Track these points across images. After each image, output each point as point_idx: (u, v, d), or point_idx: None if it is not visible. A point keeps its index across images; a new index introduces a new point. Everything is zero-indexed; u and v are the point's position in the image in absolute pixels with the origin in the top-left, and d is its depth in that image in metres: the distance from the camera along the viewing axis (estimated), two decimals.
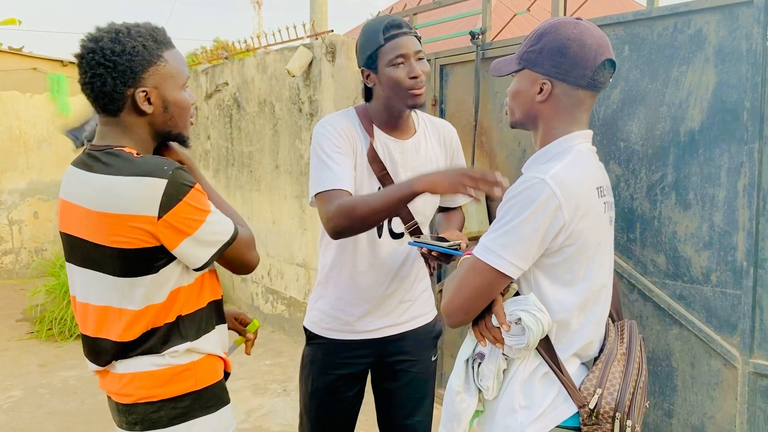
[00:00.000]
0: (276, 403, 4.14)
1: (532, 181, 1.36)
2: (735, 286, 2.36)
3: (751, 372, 2.34)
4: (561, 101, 1.46)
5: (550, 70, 1.44)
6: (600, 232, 1.45)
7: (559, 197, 1.35)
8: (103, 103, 1.50)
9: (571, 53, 1.42)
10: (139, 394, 1.53)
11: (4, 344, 5.39)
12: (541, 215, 1.34)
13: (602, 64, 1.44)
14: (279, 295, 5.59)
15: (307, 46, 4.86)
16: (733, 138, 2.35)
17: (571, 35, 1.42)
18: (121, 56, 1.45)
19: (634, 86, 2.64)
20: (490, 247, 1.38)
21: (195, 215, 1.46)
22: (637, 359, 1.53)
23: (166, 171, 1.43)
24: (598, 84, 1.47)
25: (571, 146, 1.46)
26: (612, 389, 1.42)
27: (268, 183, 5.61)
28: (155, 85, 1.50)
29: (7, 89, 7.63)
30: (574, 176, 1.39)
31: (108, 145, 1.51)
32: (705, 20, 2.41)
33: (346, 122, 2.03)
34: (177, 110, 1.55)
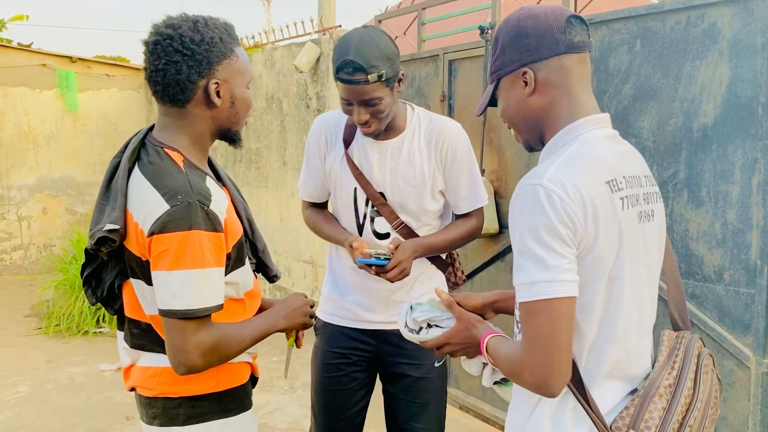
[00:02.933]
0: (282, 400, 4.12)
1: (527, 188, 1.20)
2: (748, 285, 2.32)
3: (764, 372, 2.30)
4: (551, 82, 1.30)
5: (522, 57, 1.30)
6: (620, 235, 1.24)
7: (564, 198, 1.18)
8: (173, 92, 1.45)
9: (530, 29, 1.29)
10: (159, 389, 1.52)
11: (12, 340, 5.41)
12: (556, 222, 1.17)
13: (568, 22, 1.28)
14: (286, 292, 5.57)
15: (315, 41, 4.83)
16: (747, 134, 2.30)
17: (519, 17, 1.32)
18: (200, 45, 1.43)
19: (646, 81, 2.59)
20: (534, 280, 1.17)
21: (168, 256, 1.36)
22: (689, 390, 1.27)
23: (179, 199, 1.37)
24: (577, 43, 1.29)
25: (575, 136, 1.29)
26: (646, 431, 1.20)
27: (275, 180, 5.59)
28: (226, 78, 1.48)
29: (16, 85, 7.65)
30: (577, 173, 1.22)
31: (162, 143, 1.48)
32: (719, 14, 2.37)
33: (331, 121, 2.14)
34: (242, 107, 1.53)
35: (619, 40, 2.69)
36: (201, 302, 1.39)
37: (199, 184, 1.44)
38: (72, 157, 7.99)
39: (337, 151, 2.10)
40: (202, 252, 1.39)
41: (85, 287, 1.59)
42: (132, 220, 1.43)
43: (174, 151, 1.48)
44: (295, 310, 1.65)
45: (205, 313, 1.40)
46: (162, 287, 1.38)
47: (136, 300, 1.53)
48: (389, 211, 2.04)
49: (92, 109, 8.05)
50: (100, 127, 8.08)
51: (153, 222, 1.37)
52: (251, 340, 1.52)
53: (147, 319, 1.52)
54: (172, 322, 1.39)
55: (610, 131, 1.37)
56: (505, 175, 3.32)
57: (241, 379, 1.59)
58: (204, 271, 1.39)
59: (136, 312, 1.54)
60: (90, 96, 8.03)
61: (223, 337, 1.44)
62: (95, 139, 8.04)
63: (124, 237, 1.44)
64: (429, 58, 3.78)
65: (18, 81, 7.65)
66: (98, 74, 8.08)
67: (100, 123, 8.09)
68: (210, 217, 1.41)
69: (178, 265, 1.37)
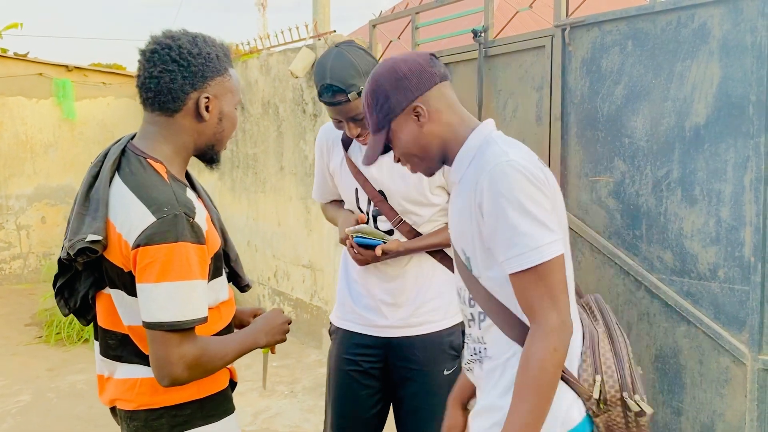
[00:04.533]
0: (283, 404, 4.14)
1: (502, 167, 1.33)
2: (743, 282, 2.34)
3: (760, 369, 2.31)
4: (439, 108, 1.47)
5: (408, 97, 1.45)
6: (560, 204, 1.44)
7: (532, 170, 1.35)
8: (164, 99, 1.47)
9: (407, 71, 1.45)
10: (140, 401, 1.51)
11: (13, 349, 5.42)
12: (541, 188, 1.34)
13: (431, 59, 1.48)
14: (285, 297, 5.58)
15: (310, 46, 4.85)
16: (738, 132, 2.32)
17: (390, 67, 1.47)
18: (197, 58, 1.47)
19: (638, 82, 2.62)
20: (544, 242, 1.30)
21: (155, 269, 1.37)
22: (618, 330, 1.50)
23: (165, 211, 1.39)
24: (443, 74, 1.49)
25: (486, 135, 1.47)
26: (610, 372, 1.40)
27: (273, 185, 5.61)
28: (217, 95, 1.51)
29: (13, 95, 7.66)
30: (522, 152, 1.40)
31: (144, 153, 1.49)
32: (709, 14, 2.39)
33: (326, 132, 2.27)
34: (228, 125, 1.57)
35: (610, 41, 2.71)
36: (188, 314, 1.40)
37: (183, 196, 1.45)
38: (70, 165, 8.00)
39: (337, 154, 2.21)
40: (189, 264, 1.40)
41: (57, 298, 1.58)
42: (115, 231, 1.42)
43: (157, 162, 1.48)
44: (275, 327, 1.67)
45: (192, 325, 1.41)
46: (148, 299, 1.38)
47: (112, 310, 1.52)
48: (388, 209, 2.10)
49: (89, 117, 8.07)
50: (98, 135, 8.09)
51: (138, 234, 1.38)
52: (233, 355, 1.53)
53: (125, 330, 1.51)
54: (157, 334, 1.39)
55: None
56: None
57: (221, 384, 1.60)
58: (190, 283, 1.40)
59: (112, 323, 1.53)
60: (87, 104, 8.05)
61: (206, 351, 1.45)
62: (93, 147, 8.05)
63: (104, 248, 1.43)
64: None
65: (15, 90, 7.67)
66: (95, 82, 8.10)
67: (98, 131, 8.11)
68: (195, 229, 1.43)
69: (165, 277, 1.37)
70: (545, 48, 3.00)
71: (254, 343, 1.60)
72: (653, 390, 2.66)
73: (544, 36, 3.01)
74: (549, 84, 2.98)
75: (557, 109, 2.94)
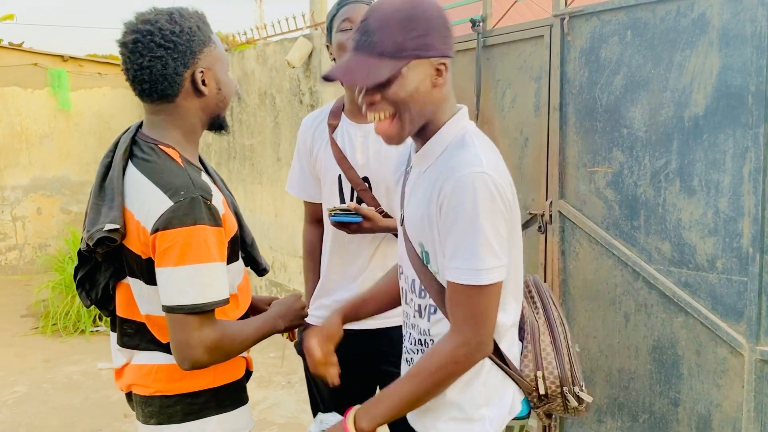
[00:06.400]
0: (280, 395, 4.14)
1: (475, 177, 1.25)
2: (741, 273, 2.33)
3: (757, 359, 2.32)
4: (448, 80, 1.35)
5: (443, 49, 1.31)
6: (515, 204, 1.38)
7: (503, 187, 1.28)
8: (161, 87, 1.44)
9: (449, 26, 1.33)
10: (156, 387, 1.51)
11: (9, 340, 5.40)
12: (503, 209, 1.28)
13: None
14: (282, 288, 5.58)
15: (307, 36, 4.83)
16: (737, 123, 2.31)
17: (438, 7, 1.32)
18: (181, 36, 1.43)
19: (637, 72, 2.60)
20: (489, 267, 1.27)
21: (174, 252, 1.36)
22: (557, 319, 1.49)
23: (182, 195, 1.38)
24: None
25: (464, 127, 1.37)
26: (551, 367, 1.41)
27: (270, 176, 5.59)
28: (209, 66, 1.48)
29: (7, 85, 7.62)
30: (497, 160, 1.32)
31: (155, 140, 1.48)
32: (708, 3, 2.37)
33: (311, 119, 2.19)
34: (227, 91, 1.54)
35: (609, 30, 2.70)
36: (209, 296, 1.39)
37: (199, 179, 1.45)
38: (65, 156, 7.96)
39: (323, 139, 2.12)
40: (207, 246, 1.39)
41: (78, 290, 1.59)
42: (132, 219, 1.42)
43: (169, 147, 1.47)
44: (293, 311, 1.66)
45: (212, 307, 1.41)
46: (168, 283, 1.38)
47: (131, 300, 1.52)
48: (371, 198, 2.04)
49: (85, 107, 8.03)
50: (93, 125, 8.06)
51: (156, 219, 1.37)
52: (254, 339, 1.53)
53: (142, 318, 1.52)
54: (177, 318, 1.39)
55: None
56: None
57: (237, 373, 1.60)
58: (210, 266, 1.39)
59: (131, 312, 1.53)
60: (82, 95, 8.01)
61: (226, 334, 1.44)
62: (88, 138, 8.02)
63: (123, 236, 1.43)
64: None
65: (9, 81, 7.62)
66: (90, 73, 8.05)
67: (93, 122, 8.07)
68: (212, 211, 1.42)
69: (184, 260, 1.37)
70: (544, 38, 2.98)
71: (273, 327, 1.59)
72: (650, 380, 2.66)
73: (543, 26, 2.99)
74: (548, 74, 2.97)
75: (556, 99, 2.92)
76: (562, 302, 3.02)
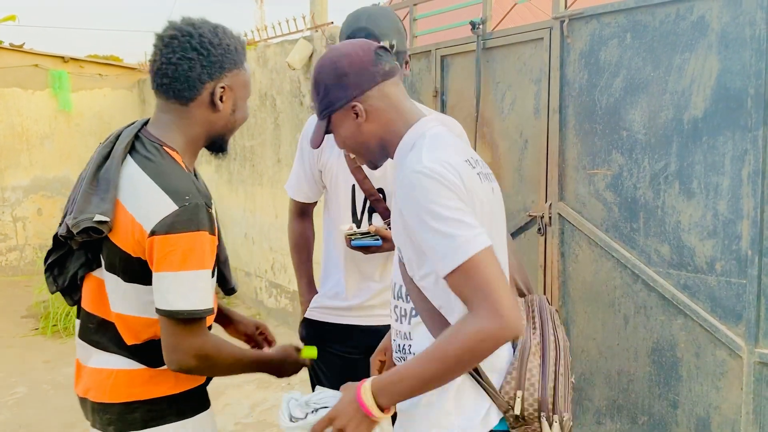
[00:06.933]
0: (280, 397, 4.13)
1: (413, 176, 1.31)
2: (740, 275, 2.34)
3: (756, 362, 2.32)
4: (379, 107, 1.44)
5: (347, 94, 1.43)
6: (486, 203, 1.40)
7: (445, 174, 1.30)
8: (180, 87, 1.45)
9: (347, 68, 1.42)
10: (115, 393, 1.48)
11: (9, 341, 5.41)
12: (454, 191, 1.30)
13: (376, 55, 1.44)
14: (282, 289, 5.58)
15: (308, 38, 4.83)
16: (736, 125, 2.32)
17: (332, 59, 1.45)
18: (217, 48, 1.46)
19: (637, 74, 2.61)
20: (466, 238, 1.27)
21: (176, 257, 1.37)
22: (553, 343, 1.46)
23: (186, 200, 1.39)
24: (388, 71, 1.45)
25: (422, 132, 1.42)
26: (532, 389, 1.37)
27: (270, 177, 5.60)
28: (232, 86, 1.50)
29: (8, 86, 7.62)
30: (443, 154, 1.35)
31: (160, 141, 1.48)
32: (707, 6, 2.38)
33: None
34: (240, 117, 1.57)
35: (609, 33, 2.71)
36: (207, 303, 1.41)
37: (202, 186, 1.46)
38: (66, 157, 7.97)
39: (334, 148, 2.07)
40: (205, 254, 1.40)
41: (46, 274, 1.57)
42: (126, 214, 1.41)
43: (173, 150, 1.47)
44: (290, 364, 1.71)
45: (208, 314, 1.42)
46: (167, 288, 1.38)
47: (98, 294, 1.50)
48: (384, 208, 2.04)
49: (85, 108, 8.03)
50: (94, 126, 8.06)
51: (158, 221, 1.37)
52: (242, 365, 1.54)
53: (107, 316, 1.49)
54: (173, 322, 1.39)
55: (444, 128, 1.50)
56: (499, 169, 3.33)
57: (198, 379, 1.58)
58: (207, 273, 1.41)
59: (97, 307, 1.51)
60: (83, 96, 8.02)
61: (216, 346, 1.45)
62: (89, 139, 8.02)
63: (110, 230, 1.41)
64: (421, 53, 3.79)
65: (10, 82, 7.63)
66: (91, 74, 8.06)
67: (94, 122, 8.08)
68: (211, 219, 1.43)
69: (186, 266, 1.37)
70: (543, 40, 2.99)
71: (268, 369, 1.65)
72: (650, 382, 2.67)
73: (543, 28, 3.00)
74: (547, 76, 2.97)
75: (555, 101, 2.93)
76: (562, 305, 3.02)
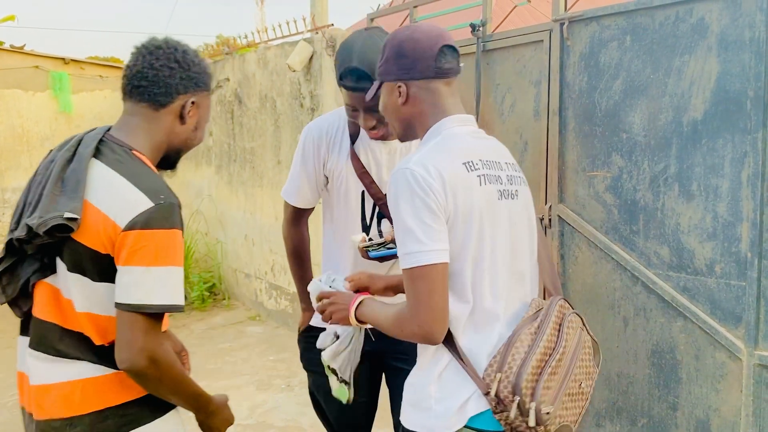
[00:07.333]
0: (280, 398, 4.14)
1: (398, 174, 1.44)
2: (739, 278, 2.34)
3: (756, 364, 2.32)
4: (419, 97, 1.55)
5: (398, 74, 1.55)
6: (479, 206, 1.46)
7: (426, 178, 1.40)
8: (156, 92, 1.53)
9: (409, 51, 1.53)
10: (84, 404, 1.44)
11: (8, 342, 5.40)
12: (424, 198, 1.40)
13: (441, 52, 1.53)
14: (282, 291, 5.58)
15: (308, 40, 4.84)
16: (736, 128, 2.32)
17: (404, 37, 1.55)
18: (196, 66, 1.59)
19: (636, 77, 2.61)
20: (411, 251, 1.41)
21: (149, 252, 1.39)
22: (551, 337, 1.47)
23: (161, 199, 1.43)
24: (445, 70, 1.55)
25: (439, 132, 1.54)
26: (509, 372, 1.40)
27: (270, 179, 5.60)
28: (200, 105, 1.61)
29: (9, 87, 7.63)
30: (437, 158, 1.45)
31: (125, 144, 1.51)
32: (707, 9, 2.38)
33: (326, 125, 2.10)
34: (199, 136, 1.66)
35: (609, 35, 2.71)
36: (177, 299, 1.44)
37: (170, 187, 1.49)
38: None
39: (341, 153, 2.05)
40: (177, 251, 1.44)
41: None
42: (97, 213, 1.41)
43: (142, 154, 1.52)
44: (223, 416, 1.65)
45: (179, 310, 1.45)
46: (136, 282, 1.39)
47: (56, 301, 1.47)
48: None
49: (86, 110, 8.04)
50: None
51: (133, 217, 1.39)
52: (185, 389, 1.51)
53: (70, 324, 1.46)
54: (132, 318, 1.38)
55: (473, 128, 1.60)
56: None
57: None
58: (179, 270, 1.44)
59: (55, 315, 1.47)
60: (84, 97, 8.02)
61: (168, 356, 1.44)
62: None
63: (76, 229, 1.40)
64: None
65: (11, 83, 7.63)
66: (91, 75, 8.07)
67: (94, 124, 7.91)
68: (182, 220, 1.48)
69: (160, 261, 1.40)
70: (543, 42, 2.99)
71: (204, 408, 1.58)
72: (649, 385, 2.67)
73: (543, 30, 3.00)
74: (547, 78, 2.97)
75: (555, 103, 2.93)
76: None
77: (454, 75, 1.57)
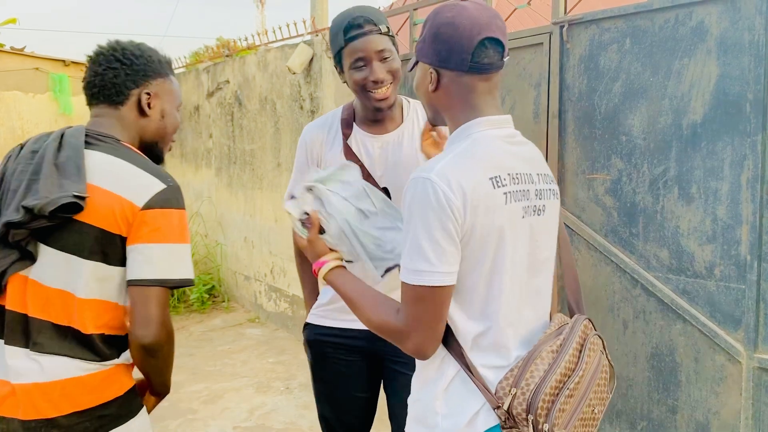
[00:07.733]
0: (279, 401, 4.13)
1: (417, 181, 1.32)
2: (739, 281, 2.34)
3: (755, 367, 2.32)
4: (451, 89, 1.40)
5: (432, 59, 1.39)
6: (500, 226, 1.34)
7: (447, 193, 1.28)
8: (108, 93, 1.60)
9: (445, 38, 1.36)
10: (65, 404, 1.43)
11: None
12: (441, 216, 1.29)
13: (481, 44, 1.34)
14: (282, 293, 5.58)
15: (308, 42, 4.84)
16: (735, 130, 2.32)
17: (444, 19, 1.36)
18: (139, 59, 1.61)
19: (636, 79, 2.61)
20: (418, 269, 1.31)
21: (173, 230, 1.48)
22: (572, 358, 1.38)
23: (170, 181, 1.53)
24: (482, 66, 1.36)
25: (469, 134, 1.39)
26: (526, 389, 1.32)
27: (270, 181, 5.60)
28: (158, 93, 1.64)
29: (9, 89, 7.64)
30: (462, 169, 1.32)
31: (110, 135, 1.57)
32: (707, 12, 2.39)
33: (317, 128, 2.11)
34: (170, 123, 1.69)
35: (608, 38, 2.71)
36: (192, 273, 1.53)
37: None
38: None
39: (335, 149, 2.06)
40: (187, 230, 1.53)
41: None
42: (108, 194, 1.44)
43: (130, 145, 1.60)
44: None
45: (192, 284, 1.53)
46: (159, 257, 1.46)
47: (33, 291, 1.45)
48: None
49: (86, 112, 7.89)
50: None
51: (152, 196, 1.46)
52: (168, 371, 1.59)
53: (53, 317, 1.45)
54: (154, 292, 1.44)
55: (507, 131, 1.44)
56: None
57: (131, 380, 1.59)
58: (189, 247, 1.53)
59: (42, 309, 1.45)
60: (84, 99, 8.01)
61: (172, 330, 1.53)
62: None
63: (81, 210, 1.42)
64: None
65: (11, 85, 7.64)
66: None
67: None
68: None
69: (177, 238, 1.49)
70: (543, 45, 2.99)
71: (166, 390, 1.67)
72: (649, 387, 2.67)
73: (542, 33, 3.00)
74: (547, 81, 2.98)
75: (555, 106, 2.93)
76: (560, 309, 3.02)
77: (494, 71, 1.39)
